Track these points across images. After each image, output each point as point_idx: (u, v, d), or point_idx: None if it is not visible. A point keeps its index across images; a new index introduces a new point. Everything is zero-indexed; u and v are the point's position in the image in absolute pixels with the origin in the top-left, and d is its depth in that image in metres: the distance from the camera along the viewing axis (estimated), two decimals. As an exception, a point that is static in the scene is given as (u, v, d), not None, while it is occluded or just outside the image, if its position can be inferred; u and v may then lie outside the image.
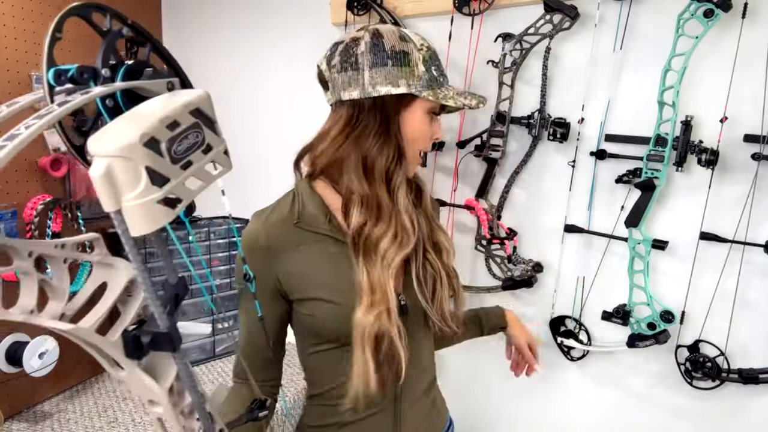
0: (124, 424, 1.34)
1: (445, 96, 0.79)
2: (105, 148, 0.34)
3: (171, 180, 0.37)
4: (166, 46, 0.54)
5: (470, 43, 1.38)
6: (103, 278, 0.42)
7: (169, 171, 0.37)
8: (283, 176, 0.91)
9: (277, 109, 1.76)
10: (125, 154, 0.34)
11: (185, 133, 0.38)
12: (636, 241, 1.21)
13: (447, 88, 0.81)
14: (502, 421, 1.56)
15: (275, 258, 0.80)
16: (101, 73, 0.41)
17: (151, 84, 0.42)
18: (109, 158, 0.34)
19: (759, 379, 1.14)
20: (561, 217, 1.35)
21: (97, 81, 0.41)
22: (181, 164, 0.38)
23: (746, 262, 1.15)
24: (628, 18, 1.22)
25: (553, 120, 1.30)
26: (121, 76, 0.41)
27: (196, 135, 0.40)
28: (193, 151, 0.39)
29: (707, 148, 1.12)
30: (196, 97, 0.40)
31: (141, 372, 0.43)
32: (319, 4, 1.59)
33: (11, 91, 1.38)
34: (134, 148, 0.34)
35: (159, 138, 0.36)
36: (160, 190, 0.36)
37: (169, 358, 0.45)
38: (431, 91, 0.78)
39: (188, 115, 0.39)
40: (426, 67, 0.78)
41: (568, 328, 1.38)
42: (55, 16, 0.41)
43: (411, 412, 0.88)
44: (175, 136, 0.37)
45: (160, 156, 0.36)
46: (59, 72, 0.40)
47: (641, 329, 1.24)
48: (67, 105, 0.36)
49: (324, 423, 0.88)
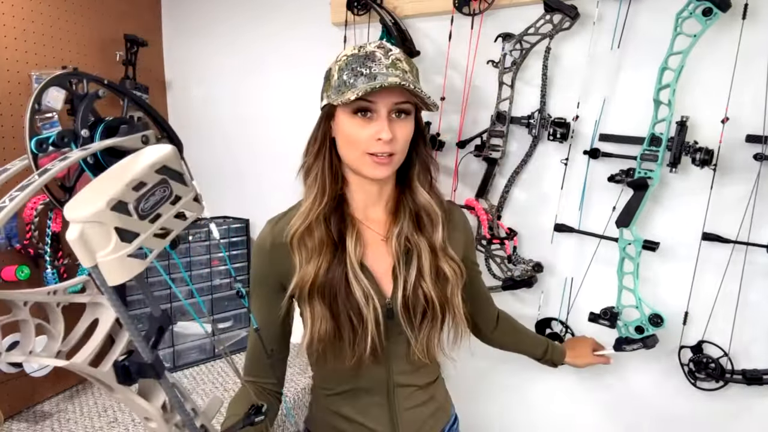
0: (124, 424, 1.33)
1: (351, 92, 0.78)
2: (78, 214, 0.39)
3: (141, 234, 0.41)
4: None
5: (470, 43, 1.38)
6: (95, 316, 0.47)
7: (138, 227, 0.41)
8: (280, 175, 0.92)
9: (276, 108, 1.75)
10: (95, 219, 0.39)
11: (152, 191, 0.42)
12: (626, 242, 1.19)
13: (359, 87, 0.78)
14: (503, 421, 1.56)
15: (278, 254, 0.88)
16: (81, 135, 0.45)
17: (126, 140, 0.46)
18: (82, 224, 0.38)
19: (763, 380, 1.14)
20: (554, 216, 1.34)
21: (77, 142, 0.44)
22: (149, 218, 0.42)
23: (749, 262, 1.15)
24: (626, 16, 1.21)
25: (553, 120, 1.29)
26: (100, 134, 0.45)
27: (163, 190, 0.43)
28: (161, 205, 0.43)
29: (701, 148, 1.11)
30: (162, 155, 0.43)
31: (133, 395, 0.49)
32: (319, 4, 1.59)
33: (11, 91, 1.38)
34: (103, 214, 0.39)
35: (126, 200, 0.40)
36: (130, 245, 0.40)
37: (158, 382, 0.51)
38: (338, 95, 0.81)
39: (154, 174, 0.43)
40: (338, 75, 0.82)
41: (554, 331, 1.38)
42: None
43: (406, 403, 0.93)
44: (142, 196, 0.41)
45: (128, 215, 0.40)
46: (40, 141, 0.43)
47: (629, 332, 1.21)
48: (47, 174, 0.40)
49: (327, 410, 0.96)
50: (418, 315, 0.87)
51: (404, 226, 0.89)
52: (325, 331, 0.85)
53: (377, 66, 0.80)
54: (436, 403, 0.99)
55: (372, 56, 0.81)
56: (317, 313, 0.85)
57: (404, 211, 0.90)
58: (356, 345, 0.85)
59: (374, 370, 0.89)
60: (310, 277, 0.84)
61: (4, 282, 1.32)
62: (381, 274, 0.89)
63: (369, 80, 0.79)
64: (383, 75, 0.79)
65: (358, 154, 0.83)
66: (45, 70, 1.45)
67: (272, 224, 0.92)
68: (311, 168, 0.89)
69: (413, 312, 0.86)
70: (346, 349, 0.86)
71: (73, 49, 1.56)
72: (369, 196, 0.91)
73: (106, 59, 1.67)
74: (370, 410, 0.92)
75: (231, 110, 1.82)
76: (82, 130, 0.46)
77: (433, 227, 0.90)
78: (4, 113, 1.37)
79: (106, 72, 1.67)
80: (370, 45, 0.84)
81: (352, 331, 0.84)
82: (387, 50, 0.83)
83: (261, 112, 1.78)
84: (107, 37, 1.67)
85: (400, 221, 0.89)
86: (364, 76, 0.80)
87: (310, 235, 0.86)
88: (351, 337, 0.85)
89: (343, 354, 0.86)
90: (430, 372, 0.99)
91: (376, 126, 0.81)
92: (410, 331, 0.87)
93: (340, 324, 0.85)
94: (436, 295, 0.87)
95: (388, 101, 0.81)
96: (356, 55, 0.82)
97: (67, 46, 1.54)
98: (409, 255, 0.88)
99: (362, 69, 0.80)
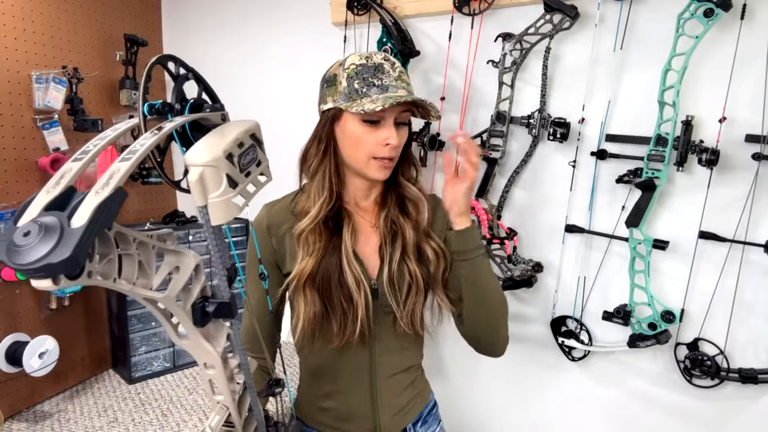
0: (124, 424, 1.34)
1: (362, 103, 0.85)
2: (200, 159, 0.48)
3: (239, 184, 0.51)
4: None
5: (470, 43, 1.38)
6: (177, 263, 0.54)
7: (238, 177, 0.51)
8: (279, 175, 0.93)
9: (276, 108, 1.75)
10: (214, 164, 0.48)
11: (247, 151, 0.53)
12: (637, 241, 1.21)
13: (373, 98, 0.86)
14: (504, 422, 1.56)
15: (273, 236, 0.96)
16: (175, 107, 0.55)
17: (212, 115, 0.57)
18: (202, 167, 0.48)
19: (758, 380, 1.14)
20: (561, 217, 1.35)
21: (172, 112, 0.55)
22: (245, 173, 0.53)
23: (746, 261, 1.15)
24: (628, 18, 1.22)
25: (553, 120, 1.30)
26: (188, 109, 0.56)
27: (253, 153, 0.55)
28: (251, 164, 0.54)
29: (708, 148, 1.12)
30: (253, 125, 0.55)
31: (202, 339, 0.56)
32: (319, 4, 1.59)
33: (11, 91, 1.38)
34: (219, 160, 0.49)
35: (233, 153, 0.51)
36: (233, 191, 0.50)
37: (221, 330, 0.59)
38: (350, 102, 0.87)
39: (249, 137, 0.54)
40: (348, 83, 0.88)
41: (569, 329, 1.38)
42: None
43: (387, 384, 0.97)
44: (242, 153, 0.52)
45: (234, 166, 0.50)
46: (150, 105, 0.53)
47: (642, 329, 1.24)
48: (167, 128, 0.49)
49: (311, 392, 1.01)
50: (404, 290, 0.93)
51: (390, 209, 0.97)
52: (314, 316, 0.90)
53: (387, 78, 0.88)
54: (416, 388, 1.04)
55: (381, 68, 0.88)
56: (309, 299, 0.91)
57: (391, 199, 0.98)
58: (346, 328, 0.90)
59: (359, 351, 0.94)
60: (309, 269, 0.90)
61: (4, 282, 1.32)
62: (369, 255, 0.95)
63: (381, 91, 0.87)
64: (393, 87, 0.88)
65: (363, 158, 0.90)
66: (45, 70, 1.46)
67: (269, 208, 1.00)
68: (317, 170, 0.94)
69: (398, 287, 0.93)
70: (333, 331, 0.91)
71: (73, 49, 1.56)
72: (361, 191, 0.98)
73: (106, 59, 1.67)
74: (353, 390, 0.96)
75: (231, 110, 1.82)
76: (176, 104, 0.55)
77: (417, 212, 0.97)
78: (4, 113, 1.37)
79: (106, 72, 1.68)
80: (376, 56, 0.90)
81: (342, 314, 0.90)
82: (392, 63, 0.90)
83: (261, 111, 1.78)
84: (107, 37, 1.67)
85: (387, 206, 0.97)
86: (376, 87, 0.87)
87: (314, 232, 0.92)
88: (342, 320, 0.90)
89: (330, 335, 0.92)
90: (412, 357, 1.03)
91: (385, 132, 0.88)
92: (395, 305, 0.92)
93: (331, 308, 0.91)
94: (420, 272, 0.94)
95: (396, 111, 0.89)
96: (365, 65, 0.88)
97: (67, 46, 1.54)
98: (394, 236, 0.95)
99: (374, 80, 0.87)
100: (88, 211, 0.38)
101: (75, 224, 0.38)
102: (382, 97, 0.85)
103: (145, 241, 0.50)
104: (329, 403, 0.98)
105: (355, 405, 0.96)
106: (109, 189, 0.40)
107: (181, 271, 0.54)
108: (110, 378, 1.63)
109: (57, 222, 0.37)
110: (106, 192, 0.40)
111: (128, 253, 0.48)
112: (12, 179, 1.39)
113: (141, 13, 1.80)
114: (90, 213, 0.38)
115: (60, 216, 0.38)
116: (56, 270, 0.36)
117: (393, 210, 0.97)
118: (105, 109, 1.67)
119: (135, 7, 1.78)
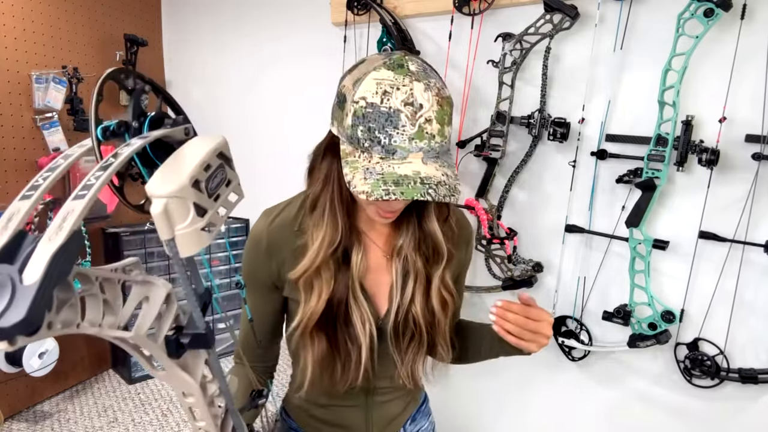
0: (124, 424, 1.34)
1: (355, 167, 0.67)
2: (163, 190, 0.43)
3: (209, 210, 0.47)
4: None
5: (470, 42, 1.38)
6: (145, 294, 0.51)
7: (207, 204, 0.47)
8: (280, 175, 0.92)
9: (276, 108, 1.75)
10: (180, 194, 0.43)
11: (215, 173, 0.48)
12: (637, 241, 1.21)
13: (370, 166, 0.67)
14: (504, 422, 1.56)
15: (273, 258, 0.85)
16: (132, 125, 0.50)
17: (175, 131, 0.51)
18: (167, 198, 0.43)
19: (758, 380, 1.14)
20: (561, 216, 1.35)
21: (129, 132, 0.50)
22: (213, 197, 0.48)
23: (746, 261, 1.15)
24: (628, 18, 1.22)
25: (553, 120, 1.30)
26: (147, 126, 0.51)
27: (222, 173, 0.49)
28: (220, 186, 0.49)
29: (708, 148, 1.12)
30: (219, 142, 0.49)
31: (179, 369, 0.53)
32: (320, 4, 1.59)
33: (11, 91, 1.38)
34: (185, 189, 0.44)
35: (200, 178, 0.46)
36: (202, 220, 0.45)
37: (199, 358, 0.56)
38: (350, 147, 0.69)
39: (216, 157, 0.48)
40: (352, 122, 0.67)
41: (569, 329, 1.38)
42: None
43: (381, 403, 0.94)
44: (210, 176, 0.47)
45: (201, 192, 0.46)
46: (104, 128, 0.48)
47: (642, 329, 1.24)
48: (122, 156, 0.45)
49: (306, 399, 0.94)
50: (407, 338, 0.86)
51: (405, 242, 0.84)
52: (321, 358, 0.83)
53: (399, 135, 0.66)
54: (409, 395, 1.01)
55: (397, 117, 0.66)
56: (316, 342, 0.82)
57: (407, 227, 0.84)
58: (349, 373, 0.84)
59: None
60: (318, 312, 0.81)
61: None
62: (378, 292, 0.86)
63: (386, 154, 0.67)
64: (403, 150, 0.66)
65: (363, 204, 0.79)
66: (45, 70, 1.46)
67: (269, 221, 0.85)
68: (317, 199, 0.80)
69: (402, 335, 0.85)
70: (337, 377, 0.84)
71: (73, 49, 1.56)
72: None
73: (106, 59, 1.67)
74: (348, 407, 0.94)
75: (231, 110, 1.83)
76: (133, 122, 0.50)
77: (434, 259, 0.85)
78: (4, 113, 1.37)
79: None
80: (399, 93, 0.66)
81: (347, 356, 0.83)
82: (417, 107, 0.66)
83: (261, 111, 1.78)
84: (107, 37, 1.67)
85: (402, 236, 0.84)
86: (380, 145, 0.66)
87: (318, 274, 0.80)
88: (346, 363, 0.84)
89: (335, 378, 0.85)
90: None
91: (384, 205, 0.75)
92: (397, 354, 0.86)
93: (336, 349, 0.83)
94: (424, 321, 0.84)
95: None
96: (377, 108, 0.66)
97: (67, 46, 1.54)
98: (406, 277, 0.85)
99: (381, 135, 0.66)
100: (42, 264, 0.33)
101: (27, 280, 0.33)
102: (373, 180, 0.65)
103: (109, 276, 0.46)
104: (322, 413, 0.96)
105: (349, 418, 0.95)
106: (63, 234, 0.35)
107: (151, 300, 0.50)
108: (110, 378, 1.63)
109: (7, 278, 0.33)
110: (60, 238, 0.34)
111: (91, 293, 0.44)
112: (12, 179, 1.39)
113: (141, 13, 1.80)
114: (44, 266, 0.33)
115: (10, 270, 0.33)
116: (10, 333, 0.31)
117: (408, 243, 0.84)
118: (105, 109, 1.66)
119: (135, 7, 1.78)
